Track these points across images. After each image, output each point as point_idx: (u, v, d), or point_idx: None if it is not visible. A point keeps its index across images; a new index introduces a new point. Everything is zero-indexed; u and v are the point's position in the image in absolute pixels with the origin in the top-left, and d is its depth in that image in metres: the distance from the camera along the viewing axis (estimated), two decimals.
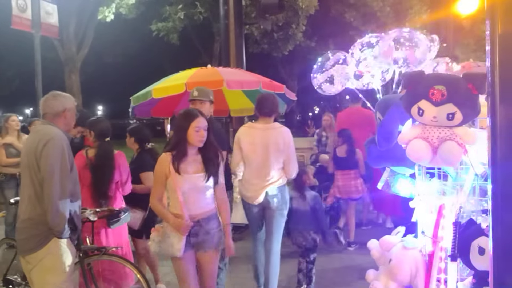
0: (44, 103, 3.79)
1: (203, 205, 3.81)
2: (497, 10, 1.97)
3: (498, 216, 2.02)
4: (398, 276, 3.24)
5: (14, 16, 10.03)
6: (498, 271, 2.04)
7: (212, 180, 3.79)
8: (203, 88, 5.14)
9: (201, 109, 4.26)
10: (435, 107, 2.91)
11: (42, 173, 3.43)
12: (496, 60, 1.95)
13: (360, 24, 18.51)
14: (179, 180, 3.68)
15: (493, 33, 1.96)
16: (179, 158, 3.72)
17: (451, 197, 3.15)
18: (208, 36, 18.80)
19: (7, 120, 7.50)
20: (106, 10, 13.90)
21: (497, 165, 2.00)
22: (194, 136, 3.71)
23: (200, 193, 3.78)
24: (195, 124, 3.70)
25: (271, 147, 4.83)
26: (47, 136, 3.52)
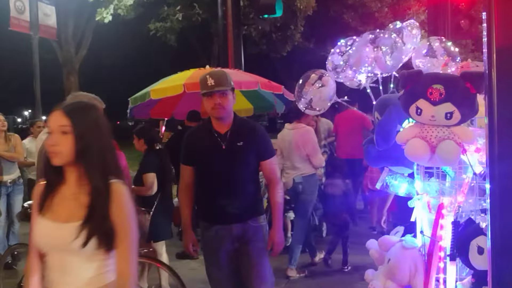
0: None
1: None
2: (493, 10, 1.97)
3: (496, 215, 2.02)
4: (397, 276, 3.24)
5: (12, 17, 10.05)
6: (497, 270, 2.04)
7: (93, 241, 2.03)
8: (219, 72, 3.71)
9: (224, 104, 3.52)
10: (433, 106, 2.90)
11: None
12: (493, 59, 1.96)
13: (358, 25, 18.51)
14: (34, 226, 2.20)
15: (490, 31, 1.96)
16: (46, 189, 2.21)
17: (449, 197, 3.15)
18: (206, 37, 18.80)
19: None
20: (104, 11, 13.89)
21: (495, 164, 2.00)
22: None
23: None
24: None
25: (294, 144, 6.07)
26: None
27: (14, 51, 21.28)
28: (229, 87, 3.57)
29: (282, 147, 6.20)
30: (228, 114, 3.60)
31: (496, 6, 1.94)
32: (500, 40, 1.94)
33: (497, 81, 1.95)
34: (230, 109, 3.61)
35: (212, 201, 3.62)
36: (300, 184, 6.09)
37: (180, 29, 16.16)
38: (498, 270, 2.04)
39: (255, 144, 3.62)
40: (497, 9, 1.94)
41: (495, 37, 1.95)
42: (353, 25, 18.57)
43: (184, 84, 6.94)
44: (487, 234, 2.08)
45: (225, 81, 3.54)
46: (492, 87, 1.96)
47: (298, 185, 6.10)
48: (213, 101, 3.52)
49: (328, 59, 3.89)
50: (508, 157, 1.97)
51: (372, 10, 17.42)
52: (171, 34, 16.02)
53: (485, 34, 2.00)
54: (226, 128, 3.59)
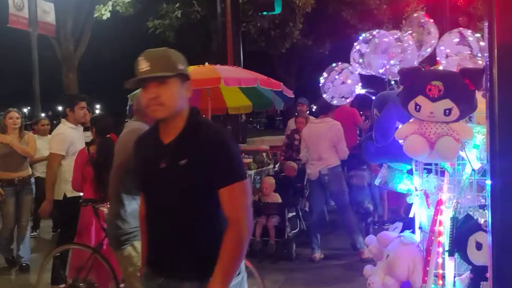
0: (139, 100, 3.70)
1: None
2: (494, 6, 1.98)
3: (497, 211, 2.03)
4: (395, 271, 3.26)
5: (11, 14, 10.04)
6: (498, 266, 2.05)
7: None
8: (158, 52, 2.38)
9: (163, 99, 2.25)
10: (432, 102, 2.92)
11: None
12: (494, 55, 1.96)
13: (357, 22, 18.51)
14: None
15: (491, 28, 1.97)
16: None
17: (448, 193, 3.17)
18: (205, 34, 18.75)
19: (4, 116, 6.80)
20: (102, 8, 13.88)
21: (496, 160, 2.01)
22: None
23: None
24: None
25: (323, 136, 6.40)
26: (135, 133, 3.43)
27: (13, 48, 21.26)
28: (173, 72, 2.28)
29: (308, 140, 6.65)
30: (172, 113, 2.29)
31: (497, 2, 1.95)
32: (501, 36, 1.95)
33: (498, 77, 1.95)
34: (176, 106, 2.30)
35: (151, 243, 2.50)
36: (326, 175, 6.45)
37: (179, 26, 16.13)
38: (498, 266, 2.04)
39: (210, 162, 2.24)
40: (498, 5, 1.95)
41: (496, 33, 1.95)
42: (352, 23, 18.56)
43: None
44: (488, 230, 2.09)
45: (165, 64, 2.29)
46: (493, 83, 1.97)
47: (324, 177, 6.47)
48: (147, 95, 2.29)
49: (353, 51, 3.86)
50: (509, 153, 1.98)
51: (370, 7, 17.42)
52: (170, 31, 15.99)
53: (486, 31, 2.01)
54: (172, 137, 2.34)
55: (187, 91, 2.40)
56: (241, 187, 2.29)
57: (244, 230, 2.26)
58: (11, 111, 6.43)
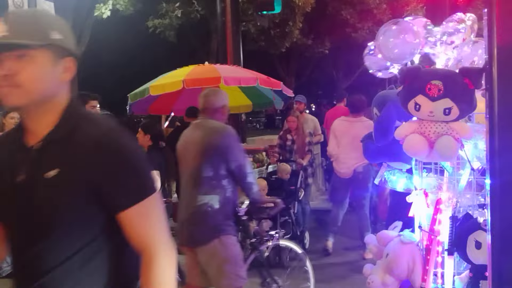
0: (205, 99, 3.88)
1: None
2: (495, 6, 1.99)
3: (496, 210, 2.04)
4: (395, 270, 3.26)
5: None
6: (497, 265, 2.06)
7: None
8: (22, 13, 1.82)
9: (16, 78, 1.55)
10: (432, 102, 2.92)
11: (233, 165, 3.57)
12: (494, 55, 1.97)
13: (356, 22, 18.53)
14: None
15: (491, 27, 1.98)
16: None
17: (447, 192, 3.17)
18: (205, 34, 18.76)
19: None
20: (102, 7, 13.88)
21: (496, 160, 2.02)
22: None
23: None
24: None
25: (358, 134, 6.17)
26: (225, 129, 3.72)
27: None
28: (40, 40, 1.55)
29: (341, 138, 6.60)
30: (34, 101, 1.58)
31: (497, 2, 1.96)
32: (501, 36, 1.96)
33: (498, 76, 1.96)
34: (41, 91, 1.58)
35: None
36: (361, 173, 6.50)
37: (178, 25, 16.14)
38: (498, 265, 2.05)
39: (95, 174, 1.56)
40: (498, 5, 1.96)
41: (496, 33, 1.96)
42: (351, 22, 18.58)
43: (183, 80, 6.95)
44: (487, 229, 2.09)
45: (30, 29, 1.56)
46: (492, 83, 1.98)
47: (359, 174, 6.51)
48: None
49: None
50: (508, 152, 1.99)
51: (370, 7, 17.45)
52: (170, 30, 16.00)
53: (486, 30, 2.02)
54: (39, 137, 1.63)
55: (65, 72, 1.66)
56: (149, 205, 1.60)
57: (165, 262, 1.60)
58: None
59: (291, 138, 7.58)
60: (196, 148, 3.64)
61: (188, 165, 3.69)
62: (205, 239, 3.55)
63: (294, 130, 7.60)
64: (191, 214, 3.61)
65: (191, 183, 3.64)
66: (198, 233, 3.58)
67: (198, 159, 3.60)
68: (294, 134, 7.60)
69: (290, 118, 7.81)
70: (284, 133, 7.86)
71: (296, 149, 7.51)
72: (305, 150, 7.48)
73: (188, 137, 3.84)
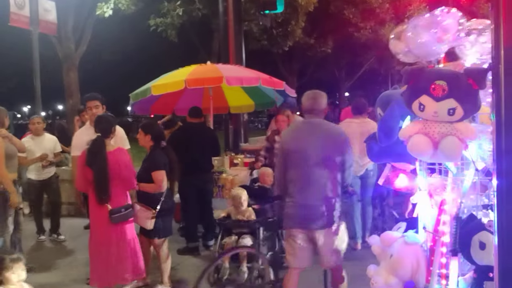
0: (314, 101, 4.33)
1: None
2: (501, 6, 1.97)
3: (503, 211, 2.02)
4: (399, 271, 3.25)
5: (12, 13, 10.00)
6: (503, 266, 2.04)
7: None
8: None
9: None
10: (436, 102, 2.91)
11: (348, 162, 4.20)
12: (500, 55, 1.95)
13: (359, 21, 18.52)
14: None
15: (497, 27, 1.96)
16: None
17: (451, 193, 3.16)
18: (206, 33, 18.75)
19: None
20: (104, 6, 13.87)
21: (502, 160, 1.99)
22: None
23: None
24: None
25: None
26: (340, 128, 4.63)
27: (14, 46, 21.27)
28: None
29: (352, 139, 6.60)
30: None
31: (504, 2, 1.94)
32: (508, 36, 1.94)
33: (504, 76, 1.94)
34: None
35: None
36: (372, 171, 6.65)
37: (180, 24, 16.13)
38: (504, 266, 2.03)
39: None
40: (504, 6, 1.94)
41: (503, 33, 1.94)
42: (354, 21, 18.59)
43: (185, 80, 6.94)
44: (493, 230, 2.08)
45: None
46: (499, 83, 1.96)
47: (370, 172, 6.64)
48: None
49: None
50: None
51: (373, 6, 17.42)
52: (172, 29, 15.99)
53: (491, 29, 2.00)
54: None
55: None
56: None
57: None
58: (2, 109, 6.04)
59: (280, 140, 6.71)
60: (321, 143, 4.15)
61: (311, 156, 4.12)
62: (330, 223, 4.09)
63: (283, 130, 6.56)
64: (320, 200, 4.09)
65: (316, 172, 4.10)
66: (325, 218, 4.08)
67: (325, 152, 4.12)
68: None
69: (279, 117, 6.89)
70: (272, 134, 6.92)
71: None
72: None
73: (303, 133, 4.31)
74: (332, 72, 29.45)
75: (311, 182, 4.13)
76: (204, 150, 6.71)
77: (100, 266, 4.81)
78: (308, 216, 4.12)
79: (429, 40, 3.10)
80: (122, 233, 4.84)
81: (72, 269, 6.22)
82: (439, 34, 3.09)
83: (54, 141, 7.44)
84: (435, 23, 3.12)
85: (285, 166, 4.29)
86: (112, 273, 4.80)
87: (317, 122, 4.31)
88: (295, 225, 4.20)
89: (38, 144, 7.11)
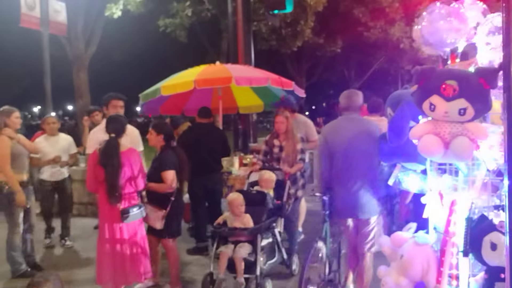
0: (349, 99, 4.70)
1: None
2: None
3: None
4: (409, 272, 3.23)
5: (23, 14, 10.07)
6: None
7: None
8: None
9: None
10: (447, 102, 2.89)
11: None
12: (511, 54, 1.94)
13: (368, 20, 18.44)
14: None
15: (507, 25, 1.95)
16: None
17: (462, 193, 3.14)
18: (215, 33, 18.80)
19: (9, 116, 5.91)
20: (113, 7, 13.94)
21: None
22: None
23: None
24: None
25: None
26: (373, 122, 4.80)
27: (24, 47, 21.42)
28: None
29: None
30: None
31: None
32: None
33: None
34: None
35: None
36: (387, 166, 6.64)
37: (189, 25, 16.18)
38: None
39: None
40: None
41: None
42: (363, 21, 18.50)
43: (195, 80, 6.96)
44: (505, 230, 2.06)
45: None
46: (510, 83, 1.95)
47: (385, 167, 6.63)
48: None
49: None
50: None
51: (382, 5, 17.33)
52: (181, 30, 16.04)
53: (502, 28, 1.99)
54: None
55: None
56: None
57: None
58: (15, 110, 5.98)
59: (279, 144, 6.06)
60: (360, 136, 4.48)
61: (354, 149, 4.45)
62: (373, 212, 4.49)
63: (282, 134, 6.04)
64: (366, 191, 4.44)
65: (362, 164, 4.43)
66: (370, 207, 4.48)
67: (364, 145, 4.42)
68: (283, 139, 6.04)
69: (278, 118, 6.09)
70: (271, 138, 6.21)
71: (285, 158, 5.98)
72: (296, 159, 5.96)
73: (344, 128, 4.63)
74: (341, 72, 29.39)
75: (355, 174, 4.46)
76: (213, 151, 6.71)
77: (109, 266, 4.83)
78: (353, 206, 4.48)
79: (443, 28, 3.08)
80: (132, 233, 4.86)
81: (81, 269, 6.25)
82: (455, 24, 3.06)
83: (69, 141, 7.30)
84: (454, 13, 3.09)
85: (331, 161, 4.61)
86: (121, 273, 4.82)
87: (354, 118, 4.67)
88: (342, 215, 4.64)
89: (53, 145, 7.01)
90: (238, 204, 5.11)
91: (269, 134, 6.37)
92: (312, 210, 7.72)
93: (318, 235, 4.63)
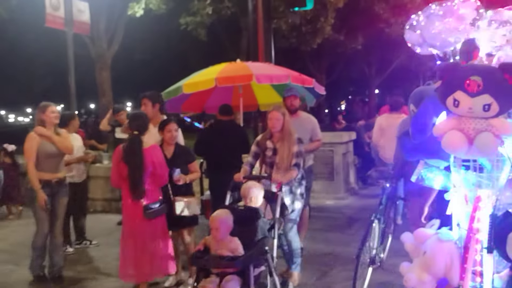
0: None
1: None
2: None
3: None
4: (432, 268, 3.22)
5: (47, 14, 10.25)
6: None
7: None
8: None
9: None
10: (471, 98, 2.88)
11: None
12: None
13: (389, 16, 18.27)
14: None
15: None
16: None
17: (486, 189, 3.12)
18: (235, 31, 18.83)
19: (44, 111, 5.65)
20: (135, 6, 14.09)
21: None
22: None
23: None
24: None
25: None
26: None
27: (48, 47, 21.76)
28: None
29: (389, 131, 7.04)
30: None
31: None
32: None
33: None
34: None
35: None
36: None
37: (210, 23, 16.26)
38: None
39: None
40: None
41: None
42: (384, 17, 18.32)
43: (216, 78, 7.00)
44: None
45: None
46: None
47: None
48: None
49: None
50: None
51: (404, 1, 17.14)
52: (201, 28, 16.13)
53: None
54: None
55: None
56: None
57: None
58: (51, 105, 5.70)
59: (272, 146, 5.09)
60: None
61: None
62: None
63: (277, 133, 5.04)
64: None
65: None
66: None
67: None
68: (277, 140, 5.06)
69: (273, 114, 5.03)
70: (264, 139, 5.20)
71: (279, 163, 5.00)
72: (290, 164, 4.93)
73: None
74: (361, 69, 29.15)
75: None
76: (234, 147, 6.74)
77: (132, 261, 4.91)
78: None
79: (443, 29, 3.07)
80: (155, 229, 4.94)
81: (104, 264, 6.35)
82: (454, 24, 3.05)
83: (79, 140, 7.11)
84: (450, 12, 3.09)
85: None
86: (144, 268, 4.90)
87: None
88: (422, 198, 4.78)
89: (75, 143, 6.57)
90: (222, 224, 4.00)
91: (261, 134, 5.47)
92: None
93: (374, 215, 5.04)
